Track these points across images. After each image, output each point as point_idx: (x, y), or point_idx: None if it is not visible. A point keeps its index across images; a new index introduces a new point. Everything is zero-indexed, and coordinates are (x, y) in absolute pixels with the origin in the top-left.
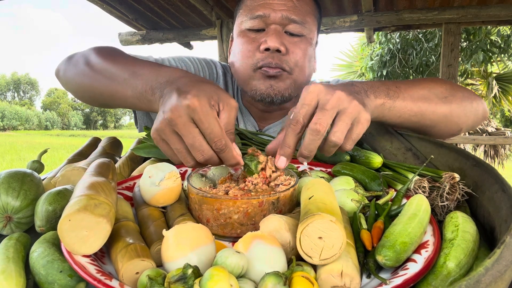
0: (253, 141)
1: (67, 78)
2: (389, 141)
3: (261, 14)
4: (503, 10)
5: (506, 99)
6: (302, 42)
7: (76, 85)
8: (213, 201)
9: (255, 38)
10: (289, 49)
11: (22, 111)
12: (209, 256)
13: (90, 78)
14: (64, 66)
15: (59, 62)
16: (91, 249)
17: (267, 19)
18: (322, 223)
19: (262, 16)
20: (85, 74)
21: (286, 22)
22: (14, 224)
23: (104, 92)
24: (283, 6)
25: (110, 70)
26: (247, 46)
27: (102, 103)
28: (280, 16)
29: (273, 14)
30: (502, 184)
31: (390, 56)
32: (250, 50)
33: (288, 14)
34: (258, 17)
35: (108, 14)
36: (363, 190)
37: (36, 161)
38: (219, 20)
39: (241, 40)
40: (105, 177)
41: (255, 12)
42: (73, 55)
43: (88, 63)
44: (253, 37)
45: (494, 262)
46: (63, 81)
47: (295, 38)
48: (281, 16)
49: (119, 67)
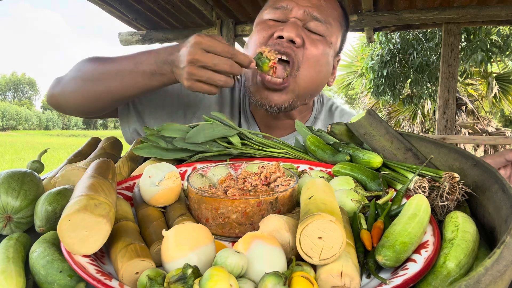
0: (253, 141)
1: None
2: (389, 141)
3: (284, 5)
4: (503, 10)
5: (506, 99)
6: (321, 42)
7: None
8: (211, 200)
9: (272, 26)
10: (305, 43)
11: (22, 111)
12: (209, 256)
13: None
14: (56, 88)
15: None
16: (91, 249)
17: (289, 12)
18: (322, 223)
19: (284, 8)
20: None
21: (308, 18)
22: (14, 224)
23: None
24: (308, 2)
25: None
26: (262, 33)
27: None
28: (302, 12)
29: (296, 8)
30: (502, 184)
31: (390, 56)
32: (264, 37)
33: (311, 10)
34: (280, 8)
35: (108, 14)
36: (363, 190)
37: (36, 161)
38: (219, 20)
39: (258, 28)
40: (105, 177)
41: (279, 3)
42: (61, 77)
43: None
44: (271, 24)
45: (494, 262)
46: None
47: (314, 36)
48: (303, 11)
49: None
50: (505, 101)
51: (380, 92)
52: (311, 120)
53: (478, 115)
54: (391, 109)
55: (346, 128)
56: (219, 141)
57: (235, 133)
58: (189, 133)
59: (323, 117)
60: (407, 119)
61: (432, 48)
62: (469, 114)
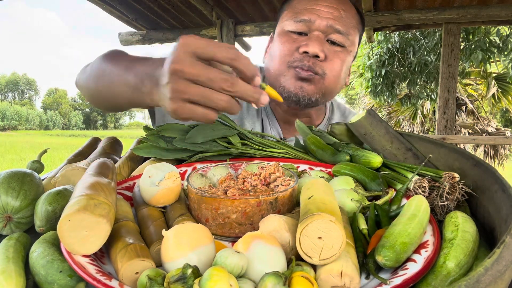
0: (253, 141)
1: (80, 86)
2: (389, 141)
3: (307, 19)
4: (503, 10)
5: (506, 99)
6: (342, 52)
7: (86, 90)
8: (211, 200)
9: (296, 39)
10: (328, 57)
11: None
12: (208, 256)
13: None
14: (78, 75)
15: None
16: (91, 249)
17: (312, 25)
18: (322, 223)
19: (307, 21)
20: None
21: (330, 31)
22: (14, 224)
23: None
24: (329, 14)
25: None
26: (287, 45)
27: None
28: (325, 24)
29: (318, 20)
30: (502, 184)
31: (389, 56)
32: (289, 49)
33: (334, 23)
34: (302, 21)
35: (108, 14)
36: (363, 190)
37: (36, 161)
38: (219, 20)
39: (282, 39)
40: (105, 177)
41: (301, 16)
42: (87, 64)
43: (92, 67)
44: (295, 38)
45: (494, 262)
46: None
47: (336, 48)
48: (326, 24)
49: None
50: (505, 101)
51: (377, 91)
52: (324, 122)
53: (478, 115)
54: (391, 109)
55: (346, 128)
56: (219, 141)
57: (235, 133)
58: (189, 133)
59: (337, 118)
60: (407, 119)
61: (430, 48)
62: (469, 114)
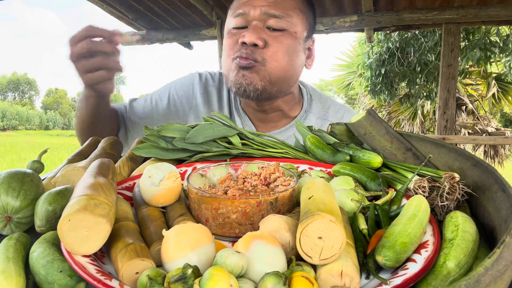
0: (253, 142)
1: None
2: (389, 141)
3: (242, 12)
4: (503, 10)
5: (506, 99)
6: (284, 36)
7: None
8: (211, 200)
9: (236, 33)
10: (268, 43)
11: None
12: (209, 256)
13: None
14: None
15: None
16: (91, 249)
17: (248, 16)
18: (322, 223)
19: (242, 14)
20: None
21: (265, 17)
22: (14, 224)
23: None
24: (263, 1)
25: None
26: (229, 41)
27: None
28: (259, 12)
29: (252, 11)
30: (502, 184)
31: (388, 55)
32: (230, 44)
33: (268, 9)
34: (239, 15)
35: (108, 14)
36: (363, 190)
37: (36, 161)
38: (219, 20)
39: (226, 37)
40: (105, 177)
41: (237, 10)
42: None
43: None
44: (235, 32)
45: (494, 262)
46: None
47: (276, 33)
48: (259, 12)
49: None
50: (505, 101)
51: (377, 90)
52: (302, 114)
53: (478, 115)
54: (391, 109)
55: (346, 128)
56: (219, 141)
57: (235, 133)
58: (189, 133)
59: (316, 111)
60: (407, 119)
61: (430, 47)
62: (469, 114)
